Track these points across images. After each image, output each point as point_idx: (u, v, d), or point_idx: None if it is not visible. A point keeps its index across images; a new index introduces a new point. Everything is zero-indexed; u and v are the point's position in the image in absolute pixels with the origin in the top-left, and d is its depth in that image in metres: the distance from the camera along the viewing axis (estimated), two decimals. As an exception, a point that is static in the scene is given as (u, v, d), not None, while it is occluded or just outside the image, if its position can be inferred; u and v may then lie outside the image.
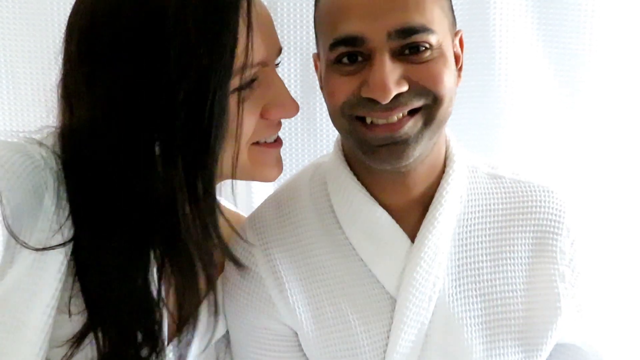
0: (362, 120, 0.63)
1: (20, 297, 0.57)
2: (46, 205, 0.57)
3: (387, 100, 0.59)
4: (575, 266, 0.71)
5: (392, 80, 0.58)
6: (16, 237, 0.56)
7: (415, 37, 0.59)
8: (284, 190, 0.78)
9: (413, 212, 0.69)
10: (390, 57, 0.59)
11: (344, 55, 0.61)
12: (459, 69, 0.67)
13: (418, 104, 0.61)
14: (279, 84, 0.66)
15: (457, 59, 0.66)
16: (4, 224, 0.56)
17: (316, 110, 1.10)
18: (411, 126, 0.61)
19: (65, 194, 0.59)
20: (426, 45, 0.60)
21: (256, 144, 0.66)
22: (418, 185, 0.69)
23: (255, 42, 0.60)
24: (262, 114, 0.64)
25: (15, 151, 0.57)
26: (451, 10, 0.66)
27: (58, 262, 0.58)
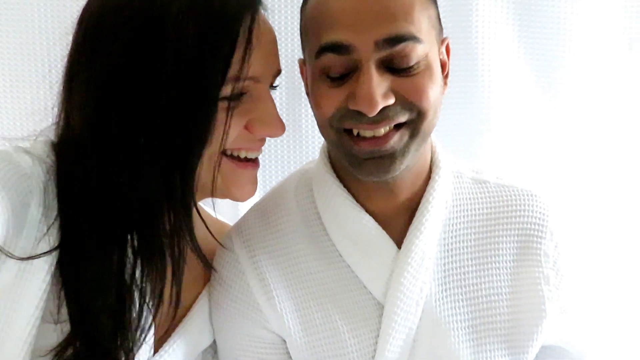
0: (349, 132, 0.63)
1: (3, 307, 0.57)
2: (32, 214, 0.57)
3: (374, 113, 0.59)
4: (559, 268, 0.72)
5: (380, 93, 0.58)
6: (1, 248, 0.55)
7: (402, 46, 0.59)
8: (270, 198, 0.78)
9: (399, 218, 0.70)
10: (377, 68, 0.59)
11: (331, 64, 0.61)
12: (445, 76, 0.67)
13: (403, 118, 0.61)
14: (269, 103, 0.66)
15: (444, 66, 0.67)
16: None
17: (302, 116, 1.10)
18: (397, 140, 0.62)
19: (52, 202, 0.58)
20: (413, 56, 0.59)
21: (233, 158, 0.66)
22: (404, 192, 0.69)
23: (253, 56, 0.60)
24: (246, 127, 0.64)
25: (1, 160, 0.57)
26: (439, 19, 0.66)
27: (43, 272, 0.57)
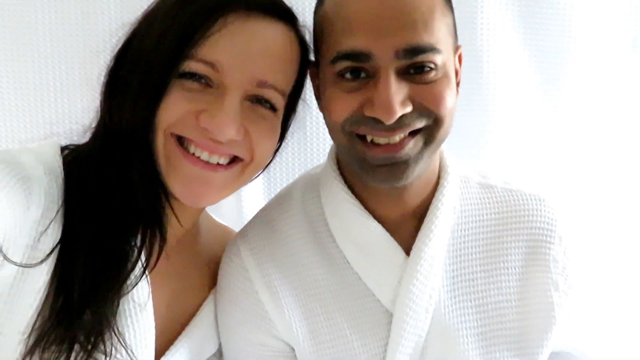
0: (362, 138, 0.62)
1: (3, 304, 0.56)
2: (31, 215, 0.56)
3: (392, 121, 0.58)
4: (568, 274, 0.72)
5: (398, 101, 0.58)
6: (3, 254, 0.54)
7: (422, 57, 0.58)
8: (276, 204, 0.77)
9: (407, 225, 0.69)
10: (395, 76, 0.58)
11: (347, 70, 0.60)
12: (457, 84, 0.66)
13: (420, 125, 0.61)
14: (226, 101, 0.61)
15: (456, 74, 0.66)
16: None
17: (306, 120, 1.09)
18: (412, 147, 0.61)
19: (52, 204, 0.58)
20: (431, 66, 0.59)
21: (182, 146, 0.63)
22: (413, 198, 0.69)
23: (216, 43, 0.60)
24: (196, 116, 0.61)
25: (3, 161, 0.57)
26: (454, 27, 0.65)
27: (43, 274, 0.56)
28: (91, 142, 0.66)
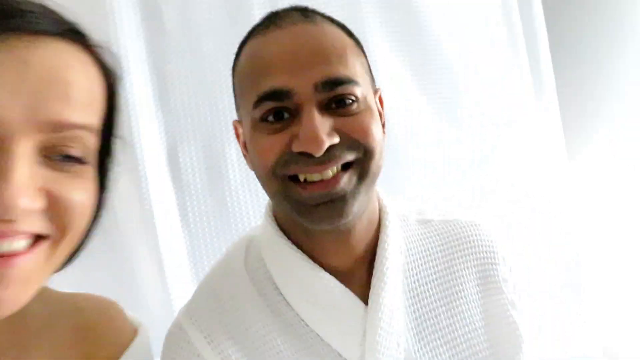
0: (295, 179, 0.60)
1: None
2: None
3: (320, 152, 0.56)
4: (518, 291, 0.72)
5: (324, 132, 0.57)
6: None
7: (341, 89, 0.58)
8: (217, 274, 0.70)
9: (358, 272, 0.66)
10: (318, 110, 0.58)
11: (270, 112, 0.59)
12: (382, 125, 0.67)
13: (351, 157, 0.59)
14: (10, 164, 0.42)
15: (380, 116, 0.66)
16: None
17: (225, 195, 1.05)
18: (346, 182, 0.59)
19: None
20: (352, 98, 0.59)
21: None
22: (360, 242, 0.66)
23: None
24: None
25: None
26: (370, 70, 0.67)
27: None
28: None
